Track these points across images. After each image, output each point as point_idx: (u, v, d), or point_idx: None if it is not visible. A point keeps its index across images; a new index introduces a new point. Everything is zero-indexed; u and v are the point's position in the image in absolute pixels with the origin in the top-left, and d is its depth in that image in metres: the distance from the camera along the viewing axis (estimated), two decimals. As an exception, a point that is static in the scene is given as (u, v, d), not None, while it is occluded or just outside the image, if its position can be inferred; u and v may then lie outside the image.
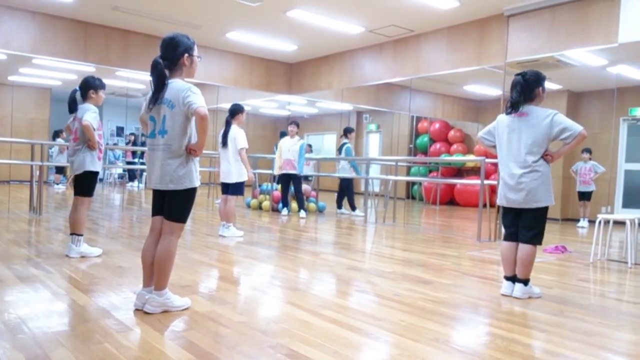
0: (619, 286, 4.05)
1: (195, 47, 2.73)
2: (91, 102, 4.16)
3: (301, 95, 10.97)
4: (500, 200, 3.57)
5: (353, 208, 8.81)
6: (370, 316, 2.79)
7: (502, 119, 3.52)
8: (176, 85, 2.62)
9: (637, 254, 4.84)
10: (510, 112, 3.44)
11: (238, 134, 5.63)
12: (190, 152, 2.65)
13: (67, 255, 4.05)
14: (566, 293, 3.59)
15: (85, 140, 4.07)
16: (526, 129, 3.35)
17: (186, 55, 2.66)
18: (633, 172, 8.05)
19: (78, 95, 4.20)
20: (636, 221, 4.87)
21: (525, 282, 3.39)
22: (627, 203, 8.03)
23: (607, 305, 3.33)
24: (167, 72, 2.64)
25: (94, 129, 4.05)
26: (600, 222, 4.89)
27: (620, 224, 5.10)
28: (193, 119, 2.65)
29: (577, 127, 3.27)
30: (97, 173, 4.17)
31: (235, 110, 5.75)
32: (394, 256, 4.89)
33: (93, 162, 4.11)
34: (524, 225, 3.42)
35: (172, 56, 2.64)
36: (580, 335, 2.63)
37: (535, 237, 3.39)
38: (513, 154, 3.41)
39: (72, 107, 4.19)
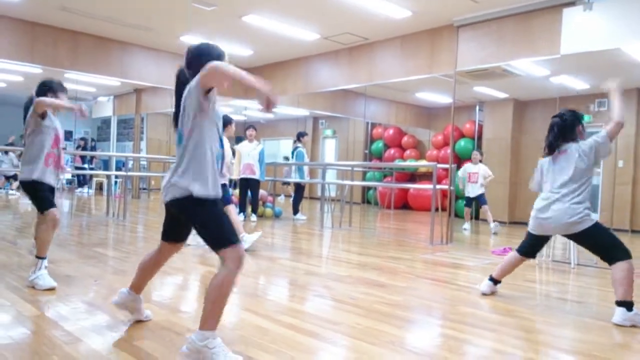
0: (563, 286, 4.26)
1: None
2: None
3: (257, 100, 10.91)
4: (533, 229, 3.42)
5: (296, 212, 8.93)
6: (327, 320, 2.81)
7: (544, 161, 3.47)
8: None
9: (579, 255, 5.09)
10: (550, 154, 3.39)
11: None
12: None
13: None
14: (514, 293, 3.74)
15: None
16: (567, 161, 3.29)
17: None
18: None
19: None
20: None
21: (628, 305, 2.99)
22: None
23: (551, 305, 3.49)
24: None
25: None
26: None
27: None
28: (194, 120, 2.27)
29: (604, 131, 3.20)
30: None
31: (225, 123, 5.47)
32: (350, 260, 4.94)
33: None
34: (592, 251, 3.30)
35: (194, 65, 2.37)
36: (526, 334, 2.76)
37: (611, 254, 3.13)
38: (555, 184, 3.31)
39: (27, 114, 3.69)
